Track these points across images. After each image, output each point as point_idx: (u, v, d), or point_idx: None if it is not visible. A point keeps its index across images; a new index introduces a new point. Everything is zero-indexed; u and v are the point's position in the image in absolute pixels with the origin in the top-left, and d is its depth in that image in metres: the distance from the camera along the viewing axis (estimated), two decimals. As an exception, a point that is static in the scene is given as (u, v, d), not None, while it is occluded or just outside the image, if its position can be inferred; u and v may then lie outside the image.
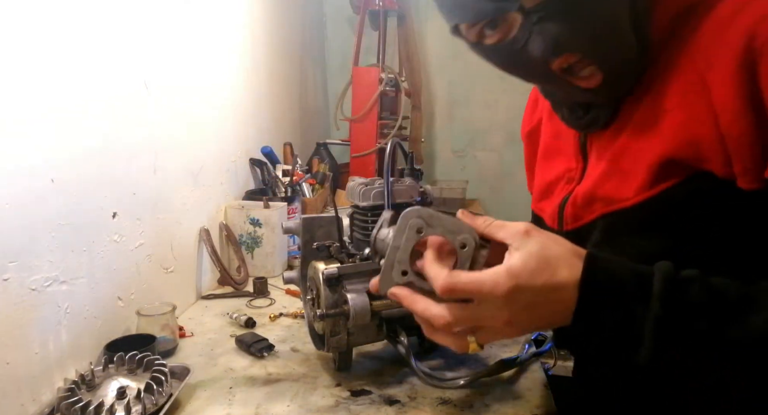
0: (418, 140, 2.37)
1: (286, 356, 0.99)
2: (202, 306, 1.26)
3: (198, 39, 1.31)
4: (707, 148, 0.52)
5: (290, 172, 1.69)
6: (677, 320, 0.47)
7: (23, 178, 0.78)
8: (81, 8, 0.89)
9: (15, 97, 0.76)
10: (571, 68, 0.58)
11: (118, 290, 1.01)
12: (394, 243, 0.56)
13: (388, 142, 0.93)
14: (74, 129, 0.88)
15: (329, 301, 0.85)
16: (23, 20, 0.77)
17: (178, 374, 0.87)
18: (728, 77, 0.50)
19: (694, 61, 0.54)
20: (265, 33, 1.82)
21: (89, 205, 0.92)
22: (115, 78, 0.98)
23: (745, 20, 0.50)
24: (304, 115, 2.28)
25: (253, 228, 1.42)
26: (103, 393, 0.78)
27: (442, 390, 0.85)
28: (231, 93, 1.53)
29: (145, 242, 1.08)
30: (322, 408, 0.81)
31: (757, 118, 0.49)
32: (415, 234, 0.55)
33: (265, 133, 1.80)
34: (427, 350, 0.97)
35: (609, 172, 0.61)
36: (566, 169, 0.71)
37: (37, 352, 0.81)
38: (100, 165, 0.94)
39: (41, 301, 0.81)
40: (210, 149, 1.39)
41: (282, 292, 1.31)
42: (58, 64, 0.84)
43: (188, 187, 1.27)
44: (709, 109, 0.52)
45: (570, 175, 0.70)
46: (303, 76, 2.29)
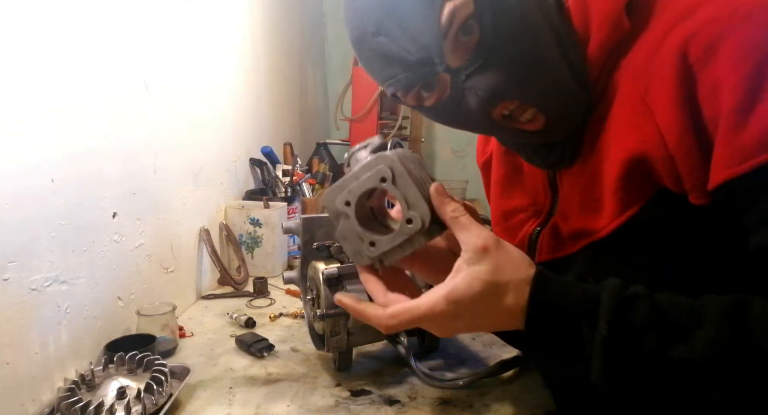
0: (418, 140, 2.37)
1: (286, 356, 0.99)
2: (202, 306, 1.26)
3: (198, 39, 1.31)
4: (660, 167, 0.53)
5: (290, 172, 1.69)
6: (624, 339, 0.48)
7: (23, 178, 0.78)
8: (81, 8, 0.89)
9: (15, 97, 0.76)
10: (512, 115, 0.60)
11: (118, 290, 1.01)
12: (357, 171, 0.57)
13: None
14: (74, 129, 0.88)
15: (329, 301, 0.85)
16: (23, 20, 0.77)
17: (178, 374, 0.87)
18: (668, 98, 0.51)
19: (635, 82, 0.55)
20: (265, 33, 1.82)
21: (89, 206, 0.92)
22: (115, 78, 0.98)
23: (675, 39, 0.51)
24: (304, 115, 2.28)
25: (253, 228, 1.42)
26: (103, 393, 0.78)
27: (442, 390, 0.85)
28: (231, 93, 1.53)
29: (145, 242, 1.08)
30: (322, 408, 0.81)
31: (699, 136, 0.50)
32: (378, 181, 0.55)
33: (265, 133, 1.80)
34: (427, 350, 0.97)
35: (584, 204, 0.62)
36: (531, 203, 0.72)
37: (37, 352, 0.81)
38: (100, 165, 0.94)
39: (41, 301, 0.81)
40: (210, 149, 1.39)
41: (282, 292, 1.31)
42: (58, 64, 0.84)
43: (188, 187, 1.27)
44: (654, 130, 0.53)
45: (537, 208, 0.72)
46: (303, 76, 2.29)
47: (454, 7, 0.55)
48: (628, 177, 0.56)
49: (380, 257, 0.57)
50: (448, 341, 1.00)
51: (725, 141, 0.48)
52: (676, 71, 0.51)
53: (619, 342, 0.48)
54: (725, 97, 0.48)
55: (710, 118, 0.50)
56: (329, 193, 0.59)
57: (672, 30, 0.53)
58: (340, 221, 0.59)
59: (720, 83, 0.48)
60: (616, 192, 0.57)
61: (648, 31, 0.56)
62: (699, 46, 0.50)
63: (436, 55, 0.56)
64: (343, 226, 0.58)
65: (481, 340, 1.02)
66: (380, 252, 0.57)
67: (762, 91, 0.47)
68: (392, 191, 0.55)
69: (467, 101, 0.59)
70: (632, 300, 0.49)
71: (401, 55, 0.57)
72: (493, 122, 0.61)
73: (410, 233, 0.54)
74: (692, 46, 0.50)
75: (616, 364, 0.49)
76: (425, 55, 0.57)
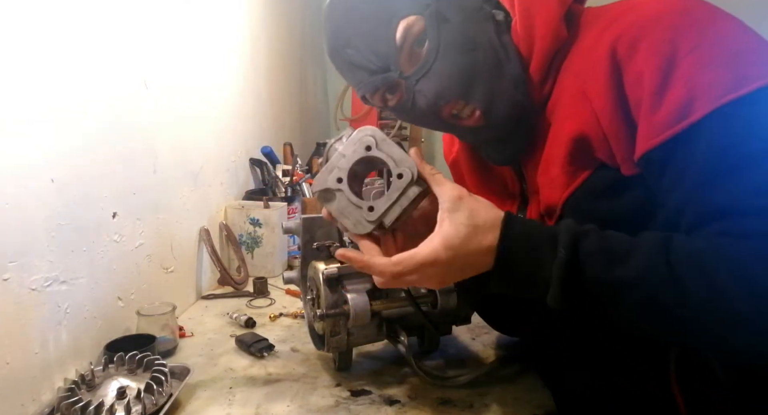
0: (418, 140, 2.37)
1: (286, 356, 0.99)
2: (202, 306, 1.26)
3: (198, 39, 1.31)
4: (597, 144, 0.64)
5: (290, 172, 1.69)
6: (578, 263, 0.56)
7: (23, 178, 0.78)
8: (81, 8, 0.89)
9: (15, 97, 0.76)
10: (458, 114, 0.72)
11: (118, 290, 1.01)
12: (342, 150, 0.63)
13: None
14: (74, 129, 0.88)
15: (329, 301, 0.85)
16: (23, 20, 0.77)
17: (178, 374, 0.87)
18: (601, 87, 0.62)
19: (576, 78, 0.66)
20: (265, 33, 1.83)
21: (89, 206, 0.92)
22: (115, 78, 0.98)
23: (606, 41, 0.63)
24: (304, 115, 2.28)
25: (253, 228, 1.42)
26: (103, 393, 0.78)
27: (442, 390, 0.85)
28: (231, 93, 1.53)
29: (145, 242, 1.08)
30: (322, 408, 0.81)
31: (626, 117, 0.61)
32: (364, 150, 0.63)
33: (265, 133, 1.80)
34: (427, 350, 0.97)
35: (545, 184, 0.71)
36: (503, 188, 0.83)
37: (37, 352, 0.81)
38: (100, 165, 0.94)
39: (41, 301, 0.81)
40: (210, 149, 1.39)
41: (282, 292, 1.31)
42: (58, 64, 0.84)
43: (188, 187, 1.27)
44: (591, 113, 0.63)
45: (508, 193, 0.83)
46: (303, 76, 2.29)
47: (407, 25, 0.68)
48: (573, 154, 0.66)
49: (381, 217, 0.62)
50: (448, 341, 1.00)
51: (645, 119, 0.59)
52: (607, 65, 0.62)
53: (573, 265, 0.56)
54: (645, 83, 0.59)
55: (634, 101, 0.60)
56: (319, 177, 0.64)
57: (602, 36, 0.64)
58: (335, 200, 0.63)
59: (641, 73, 0.59)
60: (564, 167, 0.67)
61: (582, 40, 0.68)
62: (624, 45, 0.61)
63: (393, 63, 0.70)
64: (338, 204, 0.63)
65: (481, 340, 1.02)
66: (380, 212, 0.62)
67: (672, 77, 0.57)
68: (378, 154, 0.62)
69: (418, 102, 0.71)
70: (585, 232, 0.58)
71: (365, 64, 0.71)
72: (441, 120, 0.73)
73: (403, 185, 0.60)
74: (619, 45, 0.61)
75: (571, 286, 0.57)
76: (384, 64, 0.70)
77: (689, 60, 0.57)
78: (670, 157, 0.58)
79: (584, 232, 0.58)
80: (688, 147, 0.57)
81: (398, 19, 0.68)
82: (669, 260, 0.54)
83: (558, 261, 0.57)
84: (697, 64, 0.57)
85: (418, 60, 0.70)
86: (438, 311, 0.89)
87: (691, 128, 0.56)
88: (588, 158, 0.65)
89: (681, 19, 0.59)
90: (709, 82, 0.56)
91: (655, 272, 0.54)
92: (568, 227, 0.59)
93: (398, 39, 0.69)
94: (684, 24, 0.59)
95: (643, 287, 0.55)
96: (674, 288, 0.53)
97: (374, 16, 0.69)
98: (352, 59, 0.72)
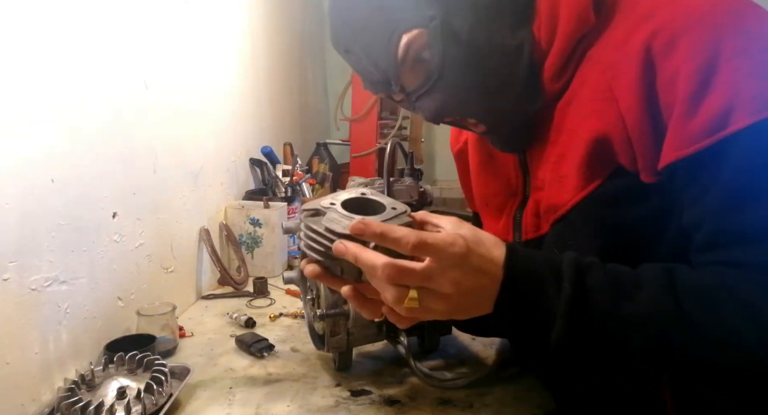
0: (418, 140, 2.37)
1: (286, 356, 0.99)
2: (202, 306, 1.26)
3: (198, 39, 1.31)
4: (618, 146, 0.59)
5: (290, 172, 1.69)
6: (583, 299, 0.53)
7: (23, 178, 0.78)
8: (81, 8, 0.89)
9: (15, 97, 0.76)
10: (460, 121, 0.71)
11: (118, 290, 1.01)
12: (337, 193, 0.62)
13: (388, 142, 0.94)
14: (74, 129, 0.88)
15: (329, 301, 0.85)
16: (23, 20, 0.77)
17: (178, 374, 0.87)
18: (631, 85, 0.58)
19: (603, 73, 0.62)
20: (265, 33, 1.82)
21: (89, 206, 0.92)
22: (115, 78, 0.98)
23: (641, 35, 0.58)
24: (304, 115, 2.28)
25: (253, 228, 1.42)
26: (103, 393, 0.78)
27: (442, 390, 0.85)
28: (231, 93, 1.53)
29: (145, 242, 1.08)
30: (322, 408, 0.81)
31: (654, 121, 0.57)
32: (358, 194, 0.61)
33: (265, 133, 1.80)
34: (427, 350, 0.97)
35: (552, 181, 0.67)
36: (505, 184, 0.78)
37: (37, 352, 0.81)
38: (100, 165, 0.94)
39: (41, 301, 0.81)
40: (210, 149, 1.39)
41: (282, 292, 1.31)
42: (58, 64, 0.84)
43: (188, 187, 1.27)
44: (617, 114, 0.59)
45: (511, 189, 0.77)
46: (303, 76, 2.29)
47: (409, 40, 0.64)
48: (592, 155, 0.61)
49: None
50: (448, 341, 1.00)
51: (677, 126, 0.55)
52: (640, 63, 0.57)
53: (579, 301, 0.53)
54: (680, 86, 0.54)
55: (666, 105, 0.56)
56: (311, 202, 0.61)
57: (637, 28, 0.59)
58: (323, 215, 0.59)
59: (677, 74, 0.55)
60: (580, 168, 0.63)
61: (614, 29, 0.63)
62: (661, 41, 0.56)
63: (392, 78, 0.67)
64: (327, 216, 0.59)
65: (481, 340, 1.02)
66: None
67: (711, 83, 0.53)
68: (373, 197, 0.61)
69: (418, 114, 0.70)
70: (588, 266, 0.55)
71: (365, 73, 0.69)
72: (444, 123, 0.72)
73: (396, 213, 0.58)
74: (655, 41, 0.56)
75: (576, 322, 0.53)
76: (384, 77, 0.67)
77: (732, 65, 0.53)
78: (698, 170, 0.54)
79: (588, 265, 0.55)
80: (719, 161, 0.53)
81: (400, 33, 0.64)
82: (677, 297, 0.52)
83: (563, 297, 0.53)
84: (740, 71, 0.52)
85: (420, 75, 0.66)
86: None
87: (725, 141, 0.52)
88: (606, 161, 0.61)
89: (727, 19, 0.54)
90: (751, 93, 0.52)
91: (664, 309, 0.52)
92: (571, 260, 0.55)
93: (400, 55, 0.65)
94: (730, 25, 0.54)
95: (652, 323, 0.52)
96: (683, 324, 0.52)
97: (375, 27, 0.65)
98: (353, 63, 0.70)
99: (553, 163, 0.67)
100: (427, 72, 0.65)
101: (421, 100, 0.67)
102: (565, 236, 0.66)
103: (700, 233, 0.56)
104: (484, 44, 0.64)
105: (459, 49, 0.64)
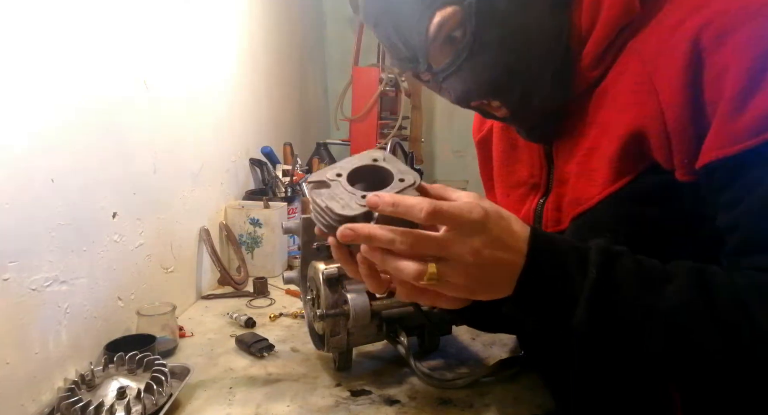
0: (418, 140, 2.37)
1: (286, 356, 0.99)
2: (202, 306, 1.26)
3: (198, 39, 1.31)
4: (654, 142, 0.57)
5: (290, 172, 1.69)
6: (609, 285, 0.51)
7: (23, 178, 0.78)
8: (81, 8, 0.89)
9: (15, 97, 0.76)
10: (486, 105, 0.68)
11: (118, 290, 1.01)
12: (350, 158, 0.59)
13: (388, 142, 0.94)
14: (74, 129, 0.88)
15: (329, 301, 0.85)
16: (23, 20, 0.77)
17: (178, 374, 0.87)
18: (674, 78, 0.55)
19: (644, 64, 0.59)
20: (265, 33, 1.82)
21: (89, 206, 0.92)
22: (115, 78, 0.98)
23: (690, 25, 0.55)
24: (304, 115, 2.28)
25: (253, 228, 1.42)
26: (103, 393, 0.78)
27: (442, 390, 0.85)
28: (231, 93, 1.53)
29: (145, 242, 1.08)
30: (322, 408, 0.81)
31: (696, 117, 0.54)
32: (370, 160, 0.59)
33: (265, 133, 1.80)
34: (427, 350, 0.97)
35: (580, 173, 0.65)
36: (528, 175, 0.75)
37: (37, 352, 0.81)
38: (100, 165, 0.94)
39: (41, 301, 0.81)
40: (210, 149, 1.39)
41: (282, 292, 1.31)
42: (58, 63, 0.84)
43: (188, 187, 1.27)
44: (656, 107, 0.57)
45: (534, 181, 0.75)
46: (303, 76, 2.29)
47: (442, 18, 0.61)
48: (626, 149, 0.59)
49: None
50: (448, 341, 1.00)
51: (721, 124, 0.52)
52: (686, 55, 0.54)
53: (604, 287, 0.51)
54: (728, 83, 0.52)
55: (711, 101, 0.53)
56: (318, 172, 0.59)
57: (686, 19, 0.56)
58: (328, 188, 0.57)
59: (726, 69, 0.52)
60: (613, 162, 0.60)
61: (660, 19, 0.60)
62: (710, 34, 0.53)
63: (421, 56, 0.64)
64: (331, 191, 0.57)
65: (481, 340, 1.02)
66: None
67: (762, 80, 0.51)
68: (383, 164, 0.58)
69: (444, 94, 0.67)
70: (618, 254, 0.53)
71: (393, 49, 0.66)
72: (469, 107, 0.69)
73: (403, 187, 0.55)
74: (704, 34, 0.54)
75: (599, 309, 0.51)
76: (412, 54, 0.64)
77: None
78: (740, 171, 0.52)
79: (617, 253, 0.53)
80: (763, 163, 0.51)
81: (433, 11, 0.60)
82: (706, 294, 0.50)
83: (589, 281, 0.51)
84: None
85: (449, 54, 0.63)
86: (438, 310, 0.89)
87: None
88: (640, 157, 0.59)
89: None
90: None
91: (692, 305, 0.50)
92: (600, 246, 0.53)
93: (431, 33, 0.61)
94: None
95: (680, 318, 0.50)
96: (709, 324, 0.50)
97: (408, 2, 0.61)
98: (381, 37, 0.66)
99: (582, 156, 0.65)
100: (457, 51, 0.62)
101: (449, 80, 0.64)
102: (585, 231, 0.64)
103: (736, 236, 0.54)
104: (520, 25, 0.62)
105: (493, 30, 0.61)
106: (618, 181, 0.60)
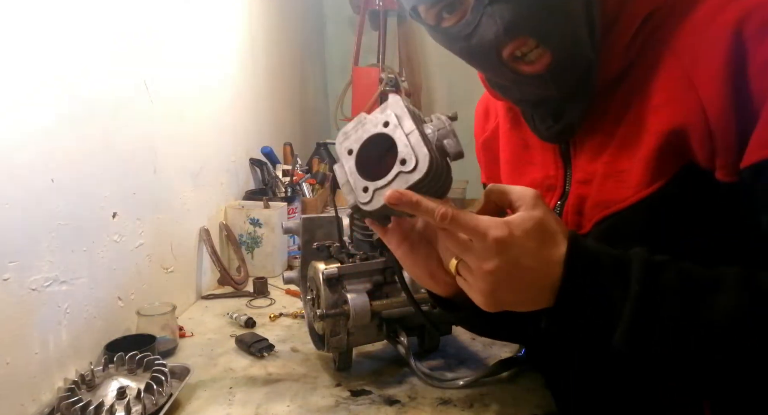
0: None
1: (286, 356, 0.99)
2: (202, 306, 1.26)
3: (198, 39, 1.31)
4: (694, 141, 0.54)
5: (290, 172, 1.69)
6: (653, 300, 0.48)
7: (23, 178, 0.78)
8: (81, 8, 0.89)
9: (15, 97, 0.76)
10: (522, 56, 0.59)
11: (118, 290, 1.01)
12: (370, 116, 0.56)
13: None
14: (74, 129, 0.88)
15: (329, 301, 0.85)
16: (24, 20, 0.77)
17: (178, 374, 0.87)
18: (715, 73, 0.52)
19: (678, 59, 0.56)
20: (265, 33, 1.82)
21: (89, 206, 0.92)
22: (116, 78, 0.98)
23: (728, 17, 0.52)
24: (304, 115, 2.28)
25: (253, 228, 1.42)
26: (103, 393, 0.78)
27: (442, 390, 0.85)
28: (231, 93, 1.53)
29: (145, 242, 1.08)
30: (322, 408, 0.81)
31: (741, 113, 0.51)
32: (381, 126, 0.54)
33: (265, 133, 1.80)
34: (427, 350, 0.97)
35: (607, 175, 0.61)
36: (544, 176, 0.71)
37: (37, 352, 0.81)
38: (100, 165, 0.94)
39: (41, 301, 0.81)
40: (210, 149, 1.39)
41: (282, 292, 1.31)
42: (58, 64, 0.84)
43: (188, 187, 1.27)
44: (697, 104, 0.53)
45: (549, 182, 0.70)
46: (303, 76, 2.29)
47: None
48: (664, 149, 0.56)
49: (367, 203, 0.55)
50: (448, 341, 1.00)
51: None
52: (727, 47, 0.51)
53: (648, 302, 0.48)
54: None
55: (758, 95, 0.50)
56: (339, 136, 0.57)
57: (723, 9, 0.53)
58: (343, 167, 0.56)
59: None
60: (649, 163, 0.57)
61: (694, 12, 0.56)
62: (754, 25, 0.50)
63: None
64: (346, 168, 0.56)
65: (481, 340, 1.02)
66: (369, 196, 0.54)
67: None
68: (391, 133, 0.54)
69: (483, 28, 0.57)
70: (660, 265, 0.50)
71: None
72: (497, 60, 0.60)
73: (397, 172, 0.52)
74: (746, 25, 0.51)
75: (642, 325, 0.49)
76: None
77: None
78: None
79: (659, 264, 0.50)
80: None
81: None
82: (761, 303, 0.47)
83: (632, 296, 0.49)
84: None
85: None
86: (438, 311, 0.89)
87: None
88: (679, 156, 0.55)
89: None
90: None
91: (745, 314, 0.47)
92: (641, 257, 0.50)
93: None
94: None
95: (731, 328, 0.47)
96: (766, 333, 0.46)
97: None
98: None
99: (609, 156, 0.61)
100: None
101: (494, 5, 0.56)
102: (611, 236, 0.60)
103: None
104: None
105: None
106: (654, 183, 0.57)
